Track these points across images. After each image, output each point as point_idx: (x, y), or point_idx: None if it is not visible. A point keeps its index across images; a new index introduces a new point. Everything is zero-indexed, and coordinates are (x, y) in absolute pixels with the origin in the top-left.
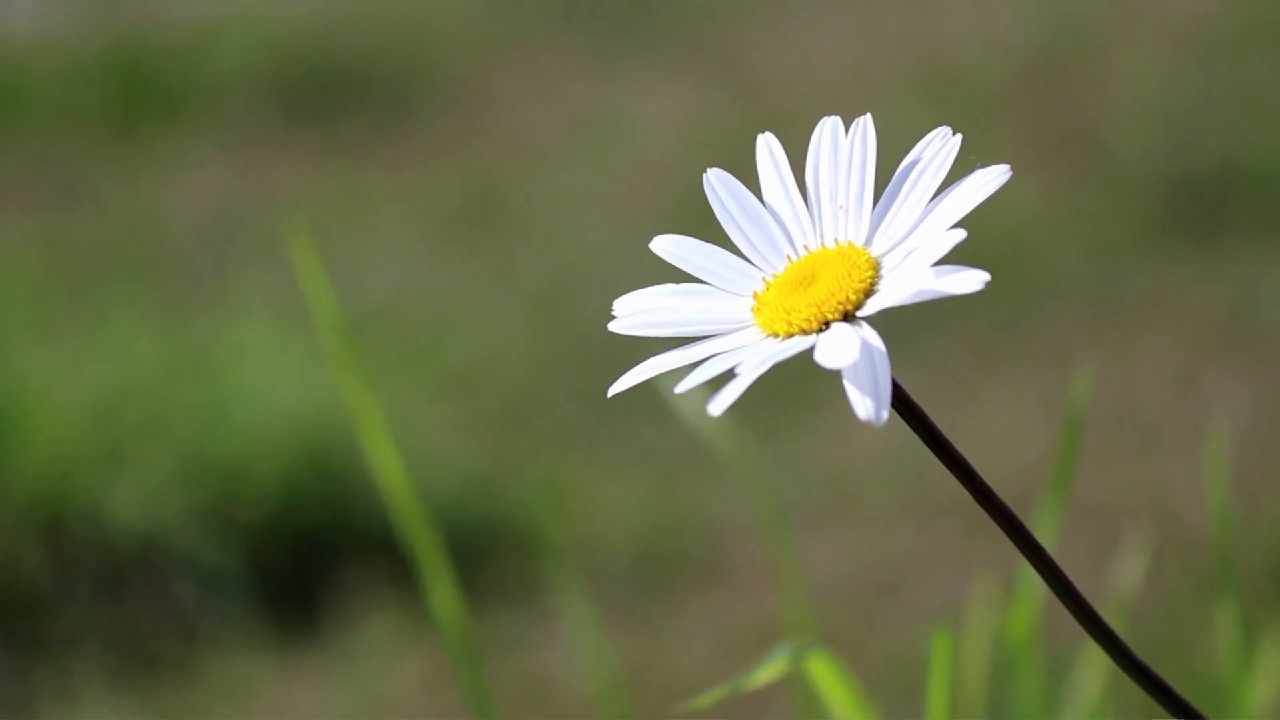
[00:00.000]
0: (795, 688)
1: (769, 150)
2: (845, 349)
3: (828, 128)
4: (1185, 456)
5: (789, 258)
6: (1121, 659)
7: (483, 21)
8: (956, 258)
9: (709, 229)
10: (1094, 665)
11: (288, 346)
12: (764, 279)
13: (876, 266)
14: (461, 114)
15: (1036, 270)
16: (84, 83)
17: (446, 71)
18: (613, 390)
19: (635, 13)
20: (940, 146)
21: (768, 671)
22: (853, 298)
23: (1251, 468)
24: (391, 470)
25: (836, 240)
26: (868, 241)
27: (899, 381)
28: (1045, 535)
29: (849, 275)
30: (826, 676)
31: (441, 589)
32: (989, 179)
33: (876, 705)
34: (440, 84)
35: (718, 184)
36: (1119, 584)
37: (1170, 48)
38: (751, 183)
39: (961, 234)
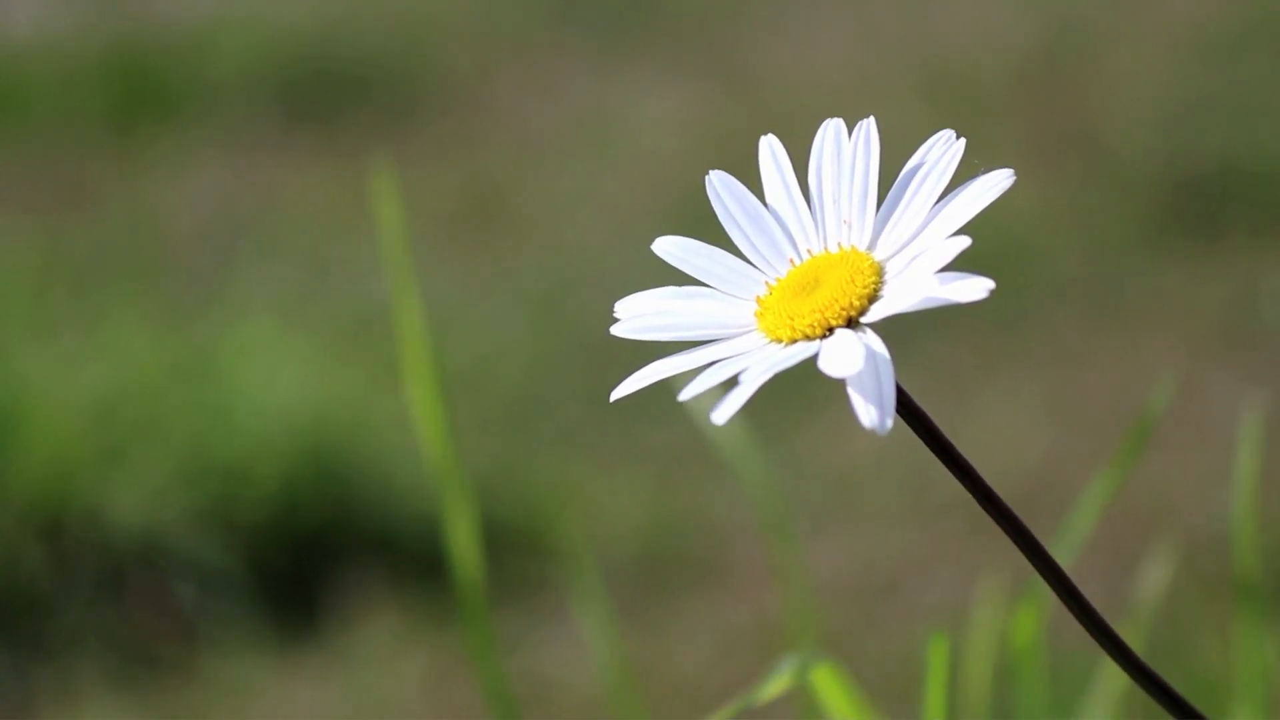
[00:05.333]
0: (798, 691)
1: (772, 152)
2: (850, 357)
3: (830, 130)
4: (1186, 456)
5: (791, 261)
6: (1125, 661)
7: (483, 21)
8: (958, 260)
9: (709, 230)
10: (1099, 668)
11: (288, 346)
12: (767, 283)
13: (880, 272)
14: (461, 114)
15: (1037, 270)
16: (84, 83)
17: (446, 71)
18: (615, 395)
19: (635, 13)
20: (944, 150)
21: (777, 684)
22: (856, 304)
23: (1251, 468)
24: (437, 434)
25: (840, 244)
26: (871, 246)
27: (901, 385)
28: (1073, 541)
29: (853, 281)
30: (829, 686)
31: (468, 558)
32: (993, 184)
33: (876, 706)
34: (440, 84)
35: (720, 186)
36: (1140, 597)
37: (1170, 48)
38: (753, 183)
39: (966, 241)
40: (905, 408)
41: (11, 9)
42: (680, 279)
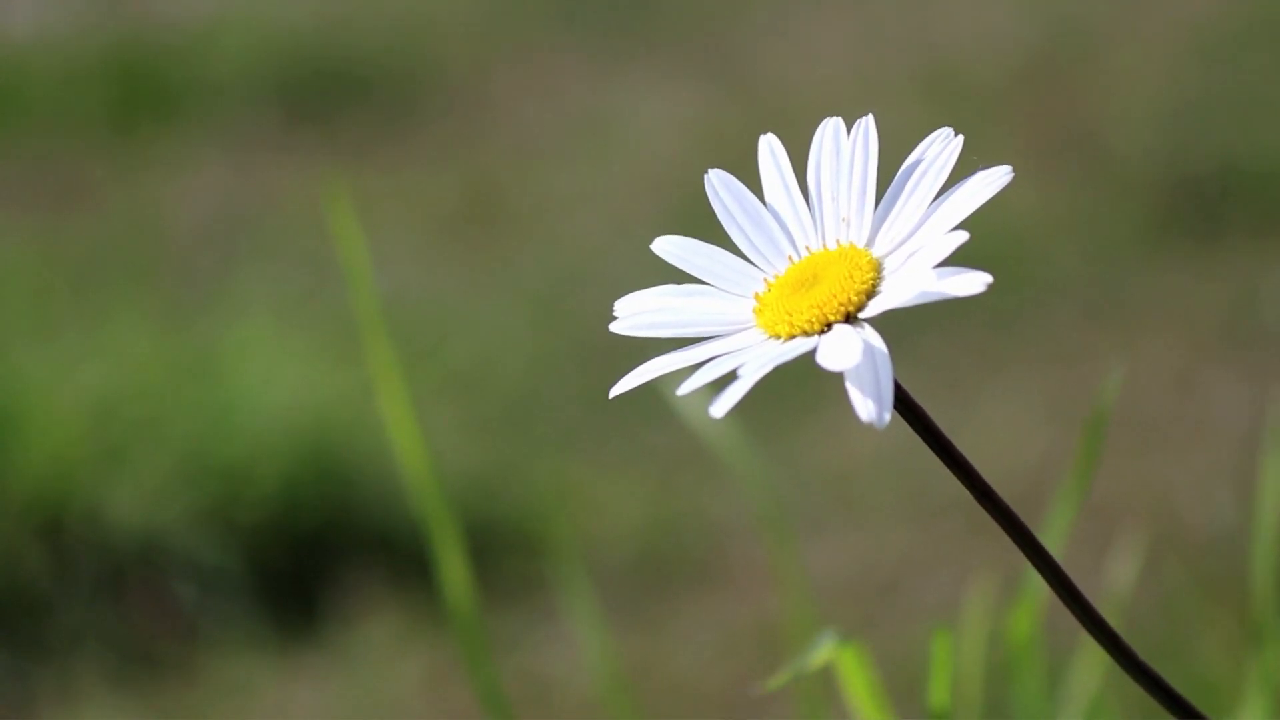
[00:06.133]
0: (797, 687)
1: (771, 151)
2: (848, 351)
3: (830, 128)
4: (1185, 456)
5: (790, 259)
6: (1123, 659)
7: (483, 21)
8: (957, 258)
9: (709, 229)
10: (1094, 665)
11: (288, 346)
12: (765, 280)
13: (878, 268)
14: (461, 114)
15: (1036, 270)
16: (84, 83)
17: (446, 72)
18: (614, 391)
19: (635, 13)
20: (942, 148)
21: (820, 657)
22: (855, 299)
23: (1252, 468)
24: (412, 446)
25: (838, 241)
26: (869, 243)
27: (900, 382)
28: (1056, 536)
29: (851, 277)
30: (852, 671)
31: (455, 571)
32: (991, 180)
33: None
34: (440, 84)
35: (719, 184)
36: (1116, 583)
37: (1170, 48)
38: (752, 183)
39: (964, 235)
40: (903, 404)
41: (11, 9)
42: (680, 279)
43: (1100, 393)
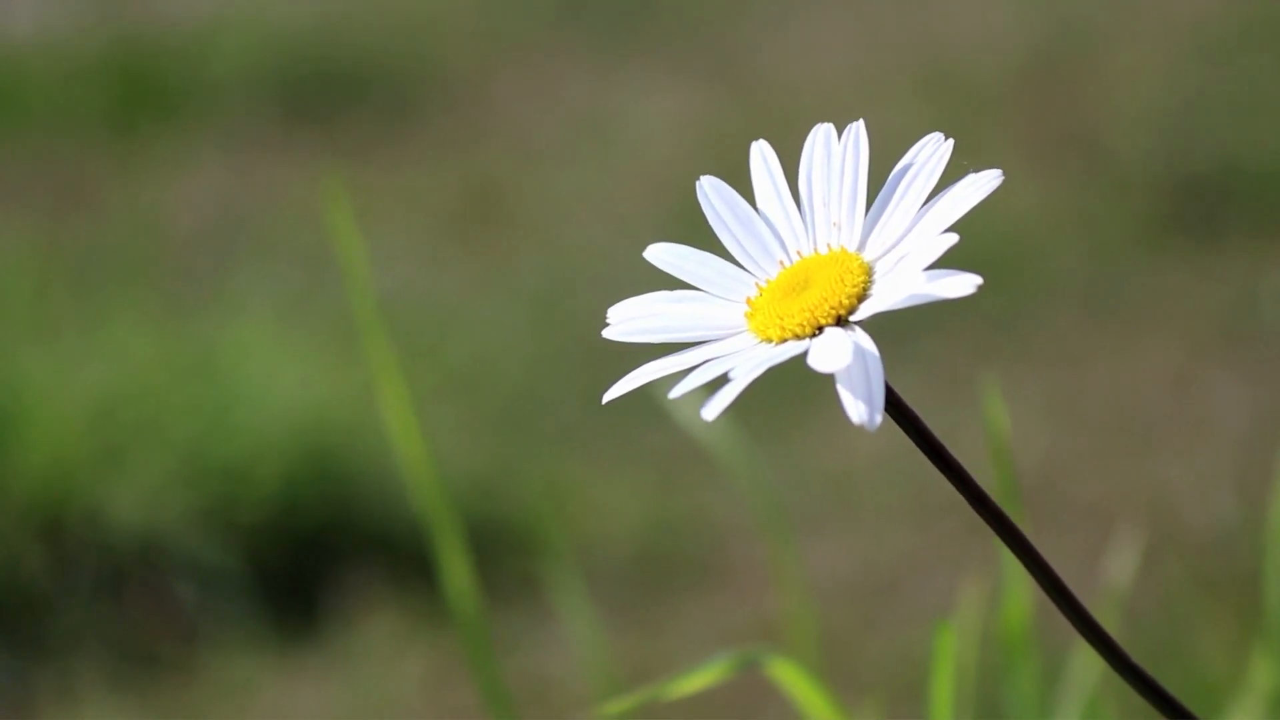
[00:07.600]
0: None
1: (763, 157)
2: (838, 353)
3: (820, 134)
4: (1185, 456)
5: (782, 263)
6: (1115, 660)
7: (483, 21)
8: (953, 259)
9: (708, 230)
10: (1090, 664)
11: (288, 346)
12: (757, 285)
13: (869, 271)
14: (461, 114)
15: (1036, 270)
16: (84, 83)
17: (446, 72)
18: (608, 397)
19: (635, 13)
20: (933, 152)
21: (697, 679)
22: (845, 302)
23: (1252, 468)
24: (412, 446)
25: (829, 246)
26: (861, 246)
27: (893, 385)
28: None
29: (842, 280)
30: (792, 679)
31: (457, 569)
32: (981, 184)
33: (876, 705)
34: (440, 84)
35: (711, 191)
36: (1114, 583)
37: (1170, 48)
38: (750, 184)
39: (954, 238)
40: (896, 409)
41: (11, 9)
42: (676, 282)
43: (990, 422)
